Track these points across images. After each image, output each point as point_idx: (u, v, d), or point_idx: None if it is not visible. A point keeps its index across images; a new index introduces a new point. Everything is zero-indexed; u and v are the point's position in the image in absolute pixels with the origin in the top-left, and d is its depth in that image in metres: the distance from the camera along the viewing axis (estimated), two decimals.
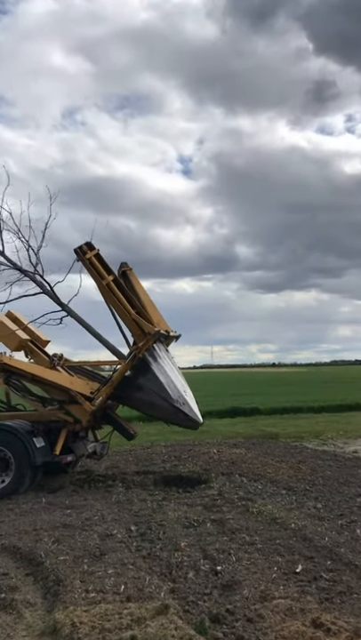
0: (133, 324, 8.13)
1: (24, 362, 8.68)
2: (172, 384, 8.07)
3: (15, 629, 3.68)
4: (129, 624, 3.55)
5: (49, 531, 5.81)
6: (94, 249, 8.19)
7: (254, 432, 14.56)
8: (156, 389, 8.07)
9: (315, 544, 5.17)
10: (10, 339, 8.79)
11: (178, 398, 7.98)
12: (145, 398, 8.22)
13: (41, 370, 8.55)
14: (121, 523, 6.09)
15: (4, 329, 8.83)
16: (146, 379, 8.10)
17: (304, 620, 3.58)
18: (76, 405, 8.31)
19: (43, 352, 9.15)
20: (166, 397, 8.01)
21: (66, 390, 8.31)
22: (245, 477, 8.37)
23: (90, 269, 8.13)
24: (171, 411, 8.08)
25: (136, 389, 8.21)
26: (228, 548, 5.09)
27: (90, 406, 8.25)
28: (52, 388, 8.49)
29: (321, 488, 7.72)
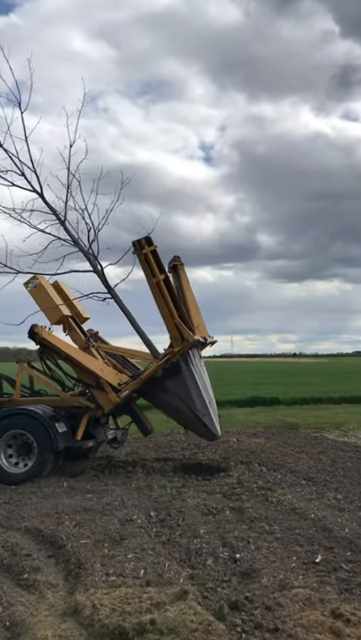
0: (174, 328, 8.10)
1: (61, 340, 8.70)
2: (198, 393, 8.11)
3: (38, 609, 3.77)
4: (148, 608, 3.60)
5: (70, 514, 5.91)
6: (152, 245, 8.16)
7: (274, 422, 14.52)
8: (182, 395, 8.14)
9: (335, 535, 5.15)
10: (52, 312, 8.75)
11: (201, 408, 8.05)
12: (169, 401, 8.30)
13: (76, 352, 8.63)
14: (141, 508, 6.16)
15: (48, 301, 8.76)
16: (174, 382, 8.16)
17: (323, 610, 3.58)
18: (102, 393, 8.41)
19: (80, 329, 9.16)
20: (190, 405, 8.08)
21: (95, 376, 8.40)
22: (265, 467, 8.37)
23: (143, 265, 8.09)
24: (192, 418, 8.17)
25: (163, 391, 8.28)
26: (247, 537, 5.10)
27: (115, 397, 8.34)
28: (82, 371, 8.56)
29: (341, 479, 7.68)
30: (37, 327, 8.52)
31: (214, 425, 8.14)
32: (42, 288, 8.84)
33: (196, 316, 9.02)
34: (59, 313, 8.78)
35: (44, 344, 8.55)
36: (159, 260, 8.23)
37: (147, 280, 8.15)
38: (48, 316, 8.77)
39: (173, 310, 8.15)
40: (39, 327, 8.54)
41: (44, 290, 8.84)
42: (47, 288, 8.95)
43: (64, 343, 8.69)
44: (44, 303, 8.77)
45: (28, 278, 8.90)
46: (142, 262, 8.10)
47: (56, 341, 8.59)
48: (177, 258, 9.47)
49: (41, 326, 8.58)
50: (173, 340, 8.15)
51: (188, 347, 8.12)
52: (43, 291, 8.83)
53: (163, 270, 8.24)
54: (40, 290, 8.83)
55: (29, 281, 8.88)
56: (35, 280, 8.86)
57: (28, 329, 8.63)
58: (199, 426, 8.16)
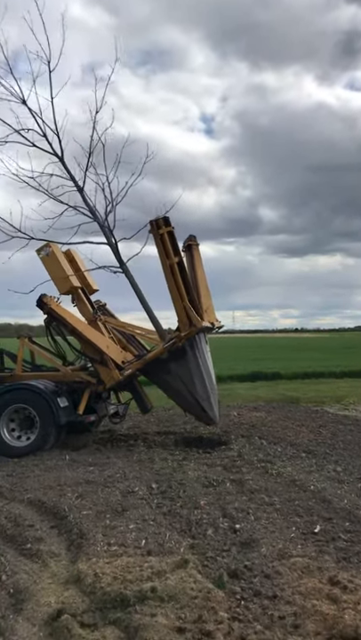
0: (183, 312, 8.04)
1: (69, 312, 8.63)
2: (201, 378, 8.14)
3: (41, 577, 3.85)
4: (149, 576, 3.66)
5: (72, 486, 5.99)
6: (170, 226, 8.01)
7: (275, 396, 14.60)
8: (184, 379, 8.16)
9: (333, 506, 5.21)
10: (62, 282, 8.63)
11: (202, 393, 8.11)
12: (171, 383, 8.34)
13: (83, 325, 8.60)
14: (142, 480, 6.23)
15: (59, 271, 8.65)
16: (178, 365, 8.17)
17: (321, 578, 3.64)
18: (105, 369, 8.43)
19: (89, 301, 9.08)
20: (191, 389, 8.13)
21: (100, 352, 8.40)
22: (265, 440, 8.44)
23: (159, 245, 7.98)
24: (191, 402, 8.24)
25: (165, 372, 8.29)
26: (246, 508, 5.17)
27: (117, 375, 8.37)
28: (87, 345, 8.55)
29: (341, 452, 7.75)
30: (46, 297, 8.45)
31: (213, 410, 8.21)
32: (54, 256, 8.69)
33: (206, 299, 8.98)
34: (69, 284, 8.66)
35: (52, 315, 8.50)
36: (175, 242, 8.09)
37: (160, 260, 8.04)
38: (58, 285, 8.66)
39: (184, 294, 8.06)
40: (48, 297, 8.46)
41: (55, 259, 8.69)
42: (59, 257, 8.79)
43: (72, 316, 8.62)
44: (55, 272, 8.64)
45: (41, 245, 8.74)
46: (157, 242, 7.97)
47: (64, 313, 8.52)
48: (192, 237, 9.35)
49: (50, 296, 8.50)
50: (181, 323, 8.11)
51: (195, 332, 8.09)
52: (55, 259, 8.68)
53: (177, 252, 8.10)
54: (52, 258, 8.68)
55: (42, 248, 8.71)
56: (47, 248, 8.70)
57: (36, 298, 8.57)
58: (198, 410, 8.25)
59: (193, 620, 3.14)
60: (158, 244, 7.97)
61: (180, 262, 8.08)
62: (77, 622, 3.16)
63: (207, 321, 8.59)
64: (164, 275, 8.10)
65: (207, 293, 9.13)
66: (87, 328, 8.60)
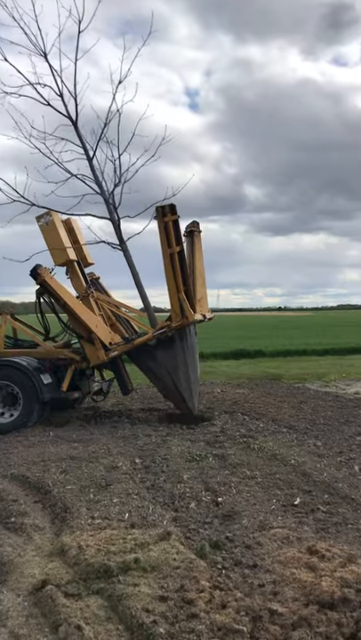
0: (177, 303, 7.98)
1: (62, 287, 8.47)
2: (185, 370, 8.18)
3: (25, 550, 3.89)
4: (133, 548, 3.73)
5: (56, 462, 6.03)
6: (175, 214, 7.86)
7: (258, 373, 14.76)
8: (169, 367, 8.19)
9: (313, 479, 5.33)
10: (59, 254, 8.46)
11: (184, 383, 8.17)
12: (155, 370, 8.36)
13: (75, 302, 8.47)
14: (126, 456, 6.30)
15: (57, 241, 8.45)
16: (165, 354, 8.18)
17: (300, 548, 3.75)
18: (92, 347, 8.40)
19: (83, 275, 8.92)
20: (174, 378, 8.17)
21: (89, 330, 8.35)
22: (248, 416, 8.56)
23: (162, 232, 7.84)
24: (173, 391, 8.31)
25: (151, 359, 8.30)
26: (229, 481, 5.27)
27: (103, 355, 8.36)
28: (76, 322, 8.47)
29: (322, 427, 7.90)
30: (41, 268, 8.27)
31: (192, 401, 8.29)
32: (53, 226, 8.48)
33: (201, 288, 8.93)
34: (65, 256, 8.49)
35: (45, 286, 8.36)
36: (178, 231, 7.95)
37: (161, 247, 7.91)
38: (54, 256, 8.49)
39: (180, 285, 7.99)
40: (43, 268, 8.29)
41: (55, 228, 8.48)
42: (59, 227, 8.57)
43: (64, 290, 8.47)
44: (53, 242, 8.46)
45: (42, 213, 8.51)
46: (161, 230, 7.84)
47: (57, 287, 8.37)
48: (195, 223, 9.21)
49: (45, 267, 8.33)
50: (174, 313, 8.07)
51: (187, 324, 8.08)
52: (54, 229, 8.48)
53: (179, 242, 7.97)
54: (51, 227, 8.47)
55: (42, 216, 8.50)
56: (48, 216, 8.48)
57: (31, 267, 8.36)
58: (178, 399, 8.33)
59: (175, 589, 3.22)
60: (161, 232, 7.84)
61: (180, 252, 7.97)
62: (61, 592, 3.21)
63: (199, 312, 8.57)
64: (163, 262, 7.99)
65: (203, 282, 9.08)
66: (78, 304, 8.48)
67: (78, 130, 8.65)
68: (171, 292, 8.04)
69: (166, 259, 7.91)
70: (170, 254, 7.87)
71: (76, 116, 8.63)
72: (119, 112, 8.71)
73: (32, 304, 8.96)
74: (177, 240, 7.88)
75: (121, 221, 8.66)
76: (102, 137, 8.69)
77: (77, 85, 8.55)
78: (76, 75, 8.54)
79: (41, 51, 8.55)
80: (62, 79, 8.58)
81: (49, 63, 8.57)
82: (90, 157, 8.67)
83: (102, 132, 8.66)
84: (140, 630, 2.82)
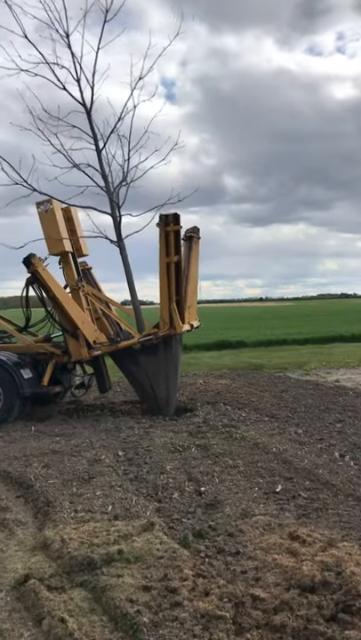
0: (167, 312, 7.94)
1: (54, 279, 8.33)
2: (165, 378, 8.23)
3: (8, 545, 3.87)
4: (116, 539, 3.74)
5: (38, 457, 5.99)
6: (178, 224, 7.75)
7: (240, 364, 14.86)
8: (150, 373, 8.20)
9: (295, 466, 5.40)
10: (54, 244, 8.32)
11: (162, 391, 8.23)
12: (136, 373, 8.37)
13: (64, 296, 8.36)
14: (109, 449, 6.29)
15: (54, 231, 8.30)
16: (147, 360, 8.17)
17: (282, 534, 3.80)
18: (75, 343, 8.34)
19: (76, 267, 8.77)
20: (154, 385, 8.22)
21: (75, 326, 8.27)
22: (230, 406, 8.62)
23: (162, 241, 7.72)
24: (149, 395, 8.35)
25: (133, 363, 8.28)
26: (211, 471, 5.31)
27: (86, 353, 8.31)
28: (63, 316, 8.38)
29: (302, 415, 8.00)
30: (35, 258, 8.13)
31: (167, 409, 8.31)
32: (52, 215, 8.32)
33: (192, 296, 8.90)
34: (60, 247, 8.36)
35: (36, 277, 8.23)
36: (178, 241, 7.87)
37: (159, 255, 7.81)
38: (49, 245, 8.36)
39: (173, 295, 7.94)
40: (37, 259, 8.15)
41: (54, 217, 8.32)
42: (58, 216, 8.42)
43: (56, 283, 8.35)
44: (50, 231, 8.31)
45: (43, 200, 8.35)
46: (161, 238, 7.73)
47: (48, 279, 8.24)
48: (196, 230, 9.14)
49: (39, 258, 8.18)
50: (162, 321, 8.04)
51: (174, 334, 8.07)
52: (52, 218, 8.32)
53: (178, 252, 7.89)
54: (50, 216, 8.31)
55: (43, 202, 8.33)
56: (48, 204, 8.32)
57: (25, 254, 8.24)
58: (153, 404, 8.35)
59: (159, 578, 3.24)
60: (162, 240, 7.74)
61: (177, 262, 7.90)
62: (45, 586, 3.21)
63: (188, 321, 8.57)
64: (158, 270, 7.91)
65: (194, 289, 9.06)
66: (67, 299, 8.37)
67: (91, 118, 8.54)
68: (162, 299, 8.00)
69: (162, 267, 7.84)
70: (167, 263, 7.80)
71: (91, 104, 8.52)
72: (135, 107, 8.65)
73: (11, 299, 8.92)
74: (176, 250, 7.82)
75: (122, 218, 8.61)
76: (115, 130, 8.61)
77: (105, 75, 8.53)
78: (95, 64, 8.46)
79: (63, 31, 8.39)
80: (81, 65, 8.46)
81: (69, 45, 8.44)
82: (99, 149, 8.55)
83: (115, 125, 8.58)
84: (123, 620, 2.83)
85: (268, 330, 26.17)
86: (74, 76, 8.49)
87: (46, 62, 8.40)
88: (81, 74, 8.49)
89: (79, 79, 8.50)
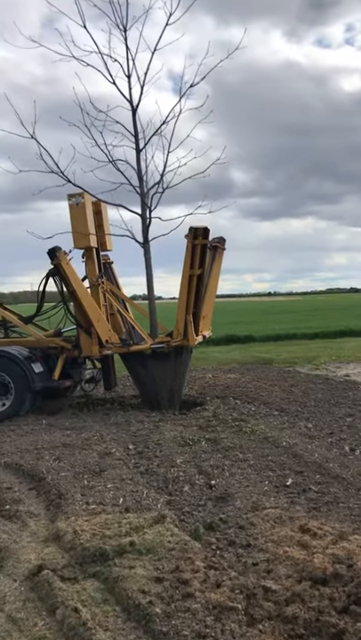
0: (182, 323, 7.93)
1: (76, 274, 8.35)
2: (172, 383, 8.25)
3: (21, 536, 3.91)
4: (128, 531, 3.77)
5: (50, 450, 6.05)
6: (206, 238, 7.79)
7: (249, 358, 14.84)
8: (156, 378, 8.23)
9: (305, 460, 5.41)
10: (80, 238, 8.34)
11: (165, 395, 8.25)
12: (142, 376, 8.40)
13: (84, 292, 8.38)
14: (119, 442, 6.33)
15: (82, 226, 8.31)
16: (156, 365, 8.18)
17: (292, 527, 3.81)
18: (88, 339, 8.37)
19: (99, 263, 8.77)
20: (158, 389, 8.26)
21: (89, 323, 8.30)
22: (239, 400, 8.63)
23: (188, 253, 7.72)
24: (152, 397, 8.37)
25: (141, 365, 8.31)
26: (221, 465, 5.33)
27: (96, 351, 8.35)
28: (80, 311, 8.40)
29: (312, 409, 7.99)
30: (60, 252, 8.15)
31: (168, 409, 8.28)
32: (83, 209, 8.33)
33: (209, 305, 8.89)
34: (86, 242, 8.38)
35: (59, 269, 8.26)
36: (204, 255, 7.88)
37: (183, 265, 7.79)
38: (75, 239, 8.37)
39: (191, 307, 7.94)
40: (62, 252, 8.16)
41: (84, 212, 8.34)
42: (88, 211, 8.44)
43: (77, 278, 8.36)
44: (78, 225, 8.32)
45: (76, 192, 8.36)
46: (188, 249, 7.73)
47: (71, 274, 8.25)
48: (222, 240, 9.12)
49: (64, 252, 8.21)
50: (177, 331, 8.05)
51: (186, 346, 8.08)
52: (82, 212, 8.34)
53: (202, 265, 7.89)
54: (80, 210, 8.33)
55: (75, 195, 8.35)
56: (80, 197, 8.32)
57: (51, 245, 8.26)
58: (154, 404, 8.33)
59: (170, 570, 3.26)
60: (188, 252, 7.74)
61: (200, 275, 7.91)
62: (58, 577, 3.25)
63: (201, 331, 8.57)
64: (180, 281, 7.91)
65: (212, 300, 9.04)
66: (86, 295, 8.39)
67: (136, 117, 8.54)
68: (180, 309, 8.01)
69: (185, 278, 7.84)
70: (190, 275, 7.81)
71: (138, 102, 8.52)
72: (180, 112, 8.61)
73: (21, 294, 8.92)
74: (200, 263, 7.83)
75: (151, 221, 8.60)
76: (158, 132, 8.58)
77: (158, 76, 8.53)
78: (150, 64, 8.43)
79: (122, 24, 8.37)
80: (134, 61, 8.44)
81: (126, 40, 8.42)
82: (139, 148, 8.56)
83: (159, 128, 8.55)
84: (136, 611, 2.86)
85: (277, 324, 26.09)
86: (125, 71, 8.46)
87: (100, 53, 8.37)
88: (133, 70, 8.47)
89: (130, 75, 8.48)
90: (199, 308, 8.22)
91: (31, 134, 8.34)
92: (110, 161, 8.51)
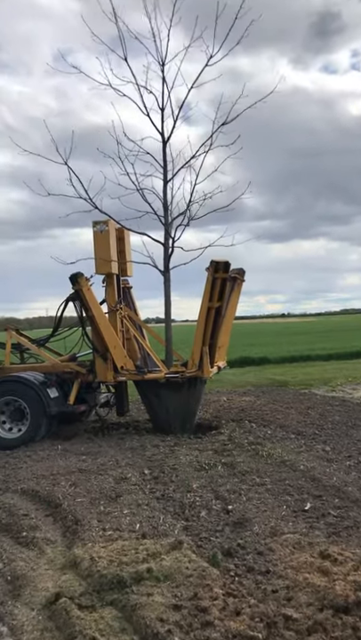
0: (198, 355, 7.98)
1: (96, 300, 8.45)
2: (184, 414, 8.26)
3: (38, 563, 3.90)
4: (145, 558, 3.73)
5: (66, 475, 6.04)
6: (227, 273, 7.89)
7: (264, 380, 14.75)
8: (169, 408, 8.26)
9: (323, 484, 5.32)
10: (103, 264, 8.48)
11: (178, 425, 8.22)
12: (155, 405, 8.43)
13: (102, 318, 8.46)
14: (135, 467, 6.30)
15: (105, 253, 8.47)
16: (169, 395, 8.21)
17: (312, 553, 3.74)
18: (103, 365, 8.43)
19: (118, 289, 8.88)
20: (171, 418, 8.26)
21: (106, 348, 8.37)
22: (255, 423, 8.55)
23: (208, 285, 7.79)
24: (163, 424, 8.36)
25: (155, 394, 8.34)
26: (238, 489, 5.26)
27: (111, 377, 8.41)
28: (97, 336, 8.47)
29: (329, 432, 7.88)
30: (82, 278, 8.28)
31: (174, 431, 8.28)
32: (107, 236, 8.50)
33: (225, 336, 8.93)
34: (107, 268, 8.53)
35: (79, 295, 8.36)
36: (224, 289, 7.94)
37: (202, 297, 7.88)
38: (97, 264, 8.52)
39: (208, 339, 7.99)
40: (84, 279, 8.30)
41: (107, 239, 8.51)
42: (111, 239, 8.61)
43: (96, 304, 8.46)
44: (101, 252, 8.49)
45: (101, 220, 8.58)
46: (208, 282, 7.79)
47: (91, 299, 8.35)
48: (242, 272, 9.23)
49: (85, 278, 8.35)
50: (192, 362, 8.08)
51: (200, 376, 8.10)
52: (106, 240, 8.51)
53: (221, 298, 7.94)
54: (105, 237, 8.50)
55: (100, 223, 8.55)
56: (104, 225, 8.51)
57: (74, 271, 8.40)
58: (164, 430, 8.29)
59: (189, 597, 3.22)
60: (208, 284, 7.79)
61: (219, 308, 7.96)
62: (75, 605, 3.22)
63: (217, 362, 8.59)
64: (198, 312, 7.97)
65: (228, 330, 9.06)
66: (104, 321, 8.46)
67: (166, 148, 8.83)
68: (197, 340, 8.03)
69: (203, 310, 7.88)
70: (208, 307, 7.85)
71: (170, 135, 8.82)
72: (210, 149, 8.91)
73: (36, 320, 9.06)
74: (220, 296, 7.87)
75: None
76: (187, 165, 8.87)
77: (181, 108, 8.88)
78: (187, 97, 8.82)
79: (161, 58, 8.74)
80: (170, 92, 8.78)
81: (163, 74, 8.79)
82: (167, 179, 8.77)
83: (188, 161, 8.85)
84: None
85: (292, 346, 25.93)
86: (159, 104, 8.78)
87: (137, 84, 8.74)
88: (167, 103, 8.81)
89: (164, 108, 8.80)
90: (216, 340, 8.23)
91: (65, 161, 8.65)
92: (137, 189, 8.74)
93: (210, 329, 7.98)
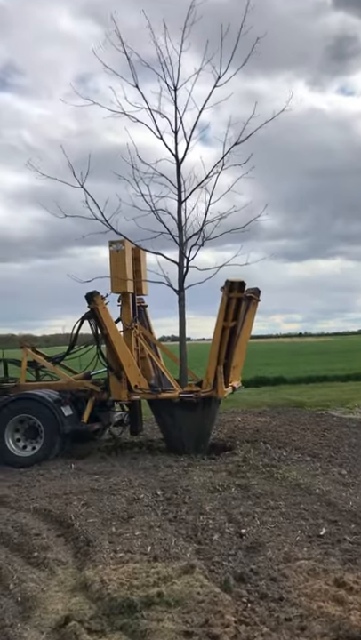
0: (212, 374, 7.99)
1: (111, 319, 8.51)
2: (198, 435, 8.24)
3: (48, 585, 3.86)
4: (156, 582, 3.68)
5: (78, 495, 6.01)
6: (242, 292, 7.98)
7: (279, 401, 14.60)
8: (183, 427, 8.25)
9: (339, 508, 5.21)
10: (118, 283, 8.57)
11: (191, 445, 8.19)
12: (168, 424, 8.43)
13: (117, 337, 8.50)
14: (148, 487, 6.25)
15: (121, 272, 8.57)
16: (183, 415, 8.20)
17: (327, 580, 3.65)
18: (117, 383, 8.44)
19: (133, 307, 8.96)
20: (185, 438, 8.23)
21: (120, 367, 8.39)
22: (270, 445, 8.44)
23: (223, 305, 7.84)
24: (176, 443, 8.32)
25: (169, 414, 8.34)
26: (252, 512, 5.18)
27: (125, 395, 8.40)
28: (112, 355, 8.50)
29: (346, 455, 7.75)
30: (98, 297, 8.37)
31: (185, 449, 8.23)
32: (122, 256, 8.62)
33: (240, 355, 8.95)
34: (123, 287, 8.63)
35: (95, 313, 8.43)
36: (239, 308, 8.00)
37: (217, 316, 7.91)
38: (113, 283, 8.61)
39: (222, 358, 8.00)
40: (100, 297, 8.38)
41: (123, 258, 8.63)
42: (127, 258, 8.73)
43: (112, 323, 8.52)
44: (117, 271, 8.59)
45: (117, 240, 8.71)
46: (223, 302, 7.84)
47: (106, 318, 8.42)
48: (257, 291, 9.27)
49: (101, 296, 8.43)
50: (206, 381, 8.07)
51: (215, 396, 8.08)
52: (122, 259, 8.62)
53: (236, 318, 7.98)
54: (120, 256, 8.62)
55: (116, 242, 8.68)
56: (121, 244, 8.65)
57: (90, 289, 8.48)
58: (178, 450, 8.25)
59: (200, 623, 3.15)
60: (223, 304, 7.83)
61: (233, 327, 7.98)
62: (85, 629, 3.17)
63: (231, 382, 8.58)
64: (213, 331, 7.99)
65: (243, 350, 9.07)
66: (119, 339, 8.50)
67: (180, 170, 8.94)
68: (211, 359, 8.03)
69: (218, 329, 7.89)
70: (223, 327, 7.86)
71: (183, 157, 8.96)
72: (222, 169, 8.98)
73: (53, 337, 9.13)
74: (235, 315, 7.90)
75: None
76: (200, 185, 8.96)
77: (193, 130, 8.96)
78: (197, 121, 8.95)
79: (173, 82, 8.90)
80: (181, 116, 8.93)
81: (175, 98, 8.93)
82: (181, 200, 8.92)
83: (202, 182, 8.95)
84: None
85: (308, 366, 25.67)
86: (172, 127, 8.94)
87: (149, 109, 8.90)
88: (180, 126, 8.93)
89: (177, 131, 8.93)
90: (230, 359, 8.20)
91: (81, 184, 8.83)
92: (152, 210, 8.87)
93: (224, 348, 7.96)
